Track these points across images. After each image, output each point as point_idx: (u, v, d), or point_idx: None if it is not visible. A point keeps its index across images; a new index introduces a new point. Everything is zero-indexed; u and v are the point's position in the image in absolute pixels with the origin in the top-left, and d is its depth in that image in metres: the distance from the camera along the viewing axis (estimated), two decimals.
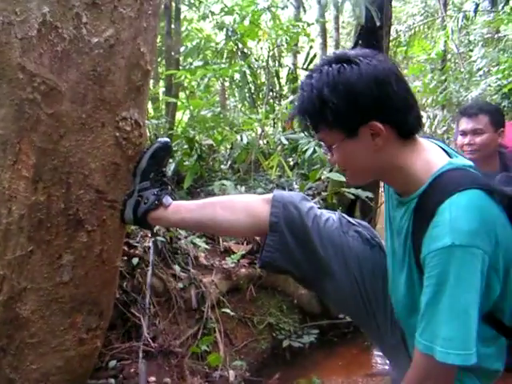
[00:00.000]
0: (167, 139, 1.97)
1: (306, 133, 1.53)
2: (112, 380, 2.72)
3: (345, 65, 1.37)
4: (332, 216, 1.83)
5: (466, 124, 2.63)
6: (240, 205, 1.83)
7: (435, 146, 1.49)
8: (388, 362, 1.87)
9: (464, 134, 2.63)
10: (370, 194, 5.17)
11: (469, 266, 1.24)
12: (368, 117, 1.37)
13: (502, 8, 10.53)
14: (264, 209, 1.76)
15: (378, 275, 1.75)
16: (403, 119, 1.39)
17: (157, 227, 3.41)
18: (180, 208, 1.90)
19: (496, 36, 12.34)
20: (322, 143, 1.65)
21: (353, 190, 5.06)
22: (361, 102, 1.35)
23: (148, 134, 5.49)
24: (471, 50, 13.01)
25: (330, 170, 5.66)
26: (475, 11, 10.53)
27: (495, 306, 1.36)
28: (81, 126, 1.71)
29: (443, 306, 1.26)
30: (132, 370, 2.85)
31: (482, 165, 2.36)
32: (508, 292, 1.36)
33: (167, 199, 1.90)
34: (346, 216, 1.86)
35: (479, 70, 11.59)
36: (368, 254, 1.78)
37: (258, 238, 3.91)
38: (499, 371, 1.50)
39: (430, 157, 1.43)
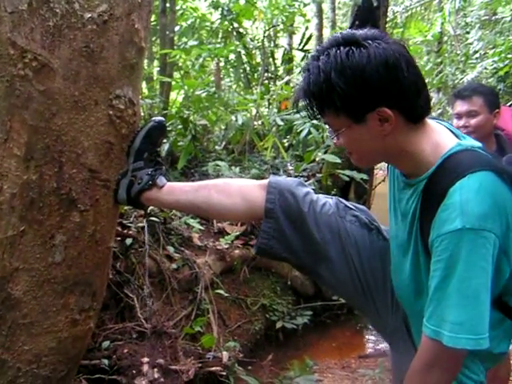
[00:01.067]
0: (162, 118, 1.94)
1: (310, 116, 1.45)
2: (105, 360, 2.72)
3: (353, 48, 1.31)
4: (329, 201, 1.79)
5: (460, 106, 2.61)
6: (235, 189, 1.80)
7: (443, 128, 1.46)
8: (388, 345, 1.85)
9: (459, 116, 2.62)
10: (364, 176, 5.16)
11: (480, 250, 1.21)
12: (377, 102, 1.32)
13: None
14: (260, 194, 1.72)
15: (377, 259, 1.72)
16: (412, 104, 1.35)
17: (151, 208, 3.38)
18: (174, 189, 1.88)
19: (493, 18, 12.28)
20: (322, 124, 1.62)
21: (347, 172, 5.05)
22: (370, 88, 1.30)
23: (142, 114, 5.46)
24: (468, 33, 12.95)
25: (325, 152, 5.65)
26: None
27: (504, 288, 1.33)
28: (73, 104, 1.67)
29: (452, 290, 1.24)
30: (125, 351, 2.84)
31: None
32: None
33: (161, 180, 1.87)
34: (343, 200, 1.83)
35: (475, 52, 11.56)
36: (366, 238, 1.75)
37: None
38: (504, 354, 1.50)
39: (439, 138, 1.40)
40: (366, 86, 1.30)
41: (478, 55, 11.27)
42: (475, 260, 1.22)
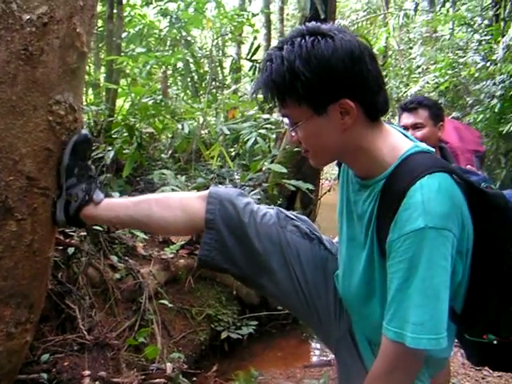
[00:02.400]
0: (86, 131, 1.88)
1: (269, 105, 1.44)
2: (44, 374, 2.63)
3: (319, 37, 1.29)
4: (269, 211, 1.77)
5: (406, 119, 2.66)
6: (176, 201, 1.77)
7: (397, 131, 1.45)
8: (333, 355, 1.85)
9: (405, 128, 2.66)
10: (310, 186, 5.21)
11: (441, 249, 1.22)
12: (340, 93, 1.29)
13: (440, 9, 10.85)
14: (200, 205, 1.69)
15: (318, 269, 1.72)
16: (373, 99, 1.34)
17: None
18: (113, 205, 1.84)
19: (434, 35, 12.68)
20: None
21: (293, 182, 5.08)
22: (334, 78, 1.27)
23: (88, 121, 5.37)
24: (411, 48, 13.33)
25: (271, 162, 5.68)
26: (415, 10, 10.81)
27: (452, 292, 1.31)
28: (11, 109, 1.62)
29: (414, 290, 1.23)
30: (66, 364, 2.76)
31: None
32: (464, 277, 1.35)
33: (98, 194, 1.82)
34: (283, 210, 1.82)
35: (418, 67, 11.90)
36: (308, 248, 1.74)
37: None
38: (446, 359, 1.53)
39: (395, 140, 1.40)
40: (331, 76, 1.27)
41: (420, 70, 11.62)
42: (437, 259, 1.22)
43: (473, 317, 1.39)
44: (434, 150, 1.40)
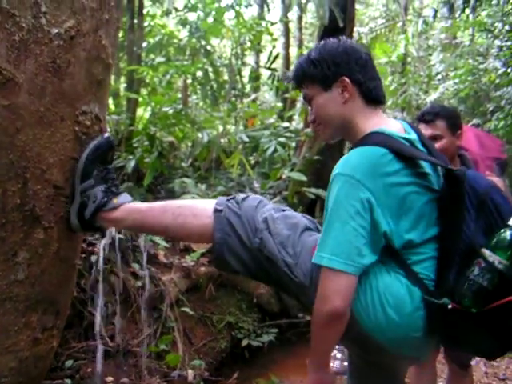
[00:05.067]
0: (108, 134, 1.90)
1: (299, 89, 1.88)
2: (68, 380, 2.66)
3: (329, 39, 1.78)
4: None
5: (424, 130, 2.62)
6: (194, 210, 1.84)
7: (396, 122, 1.78)
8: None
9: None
10: None
11: (345, 191, 1.53)
12: (340, 73, 1.70)
13: (459, 15, 10.79)
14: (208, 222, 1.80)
15: None
16: (368, 83, 1.72)
17: None
18: (133, 210, 1.88)
19: (453, 42, 12.61)
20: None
21: (313, 190, 5.09)
22: (336, 62, 1.71)
23: (108, 130, 5.42)
24: (430, 55, 13.24)
25: (291, 170, 5.69)
26: (434, 17, 10.74)
27: (404, 243, 1.58)
28: (39, 120, 1.66)
29: (327, 222, 1.55)
30: (89, 370, 2.80)
31: None
32: (400, 229, 1.57)
33: (125, 197, 1.88)
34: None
35: (437, 74, 11.82)
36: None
37: None
38: (425, 344, 1.63)
39: (378, 122, 1.70)
40: (334, 61, 1.71)
41: (439, 77, 11.54)
42: (342, 198, 1.53)
43: (438, 279, 1.58)
44: (412, 138, 1.69)
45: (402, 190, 1.57)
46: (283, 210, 1.86)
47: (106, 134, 1.89)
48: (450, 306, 1.48)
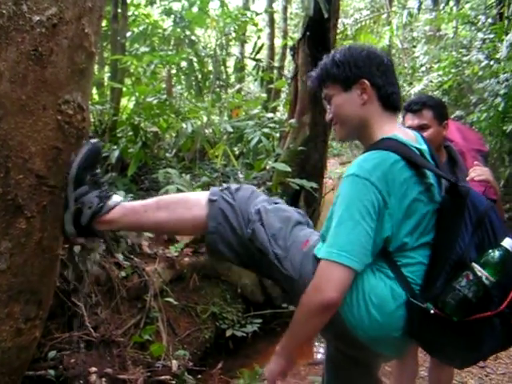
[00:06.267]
0: (96, 140, 1.92)
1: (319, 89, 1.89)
2: (51, 371, 2.65)
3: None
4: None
5: (411, 120, 2.64)
6: (187, 203, 1.89)
7: (409, 131, 1.85)
8: None
9: (410, 129, 2.64)
10: (314, 185, 5.22)
11: (359, 191, 1.57)
12: (361, 75, 1.75)
13: (443, 8, 10.81)
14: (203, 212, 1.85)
15: None
16: (387, 88, 1.76)
17: None
18: (128, 210, 1.90)
19: (437, 34, 12.67)
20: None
21: (297, 181, 5.09)
22: (358, 65, 1.76)
23: (92, 120, 5.38)
24: (414, 46, 13.31)
25: (275, 160, 5.69)
26: (418, 9, 10.74)
27: (398, 246, 1.63)
28: (21, 108, 1.64)
29: (335, 220, 1.59)
30: (72, 361, 2.78)
31: None
32: (400, 233, 1.62)
33: (115, 198, 1.90)
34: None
35: (422, 65, 11.88)
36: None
37: None
38: (404, 343, 1.69)
39: (394, 129, 1.74)
40: (356, 64, 1.76)
41: (424, 68, 11.60)
42: (354, 199, 1.57)
43: (425, 284, 1.63)
44: (423, 148, 1.77)
45: (409, 197, 1.62)
46: (275, 203, 1.90)
47: (94, 140, 1.91)
48: (432, 311, 1.54)
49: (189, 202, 1.88)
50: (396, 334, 1.61)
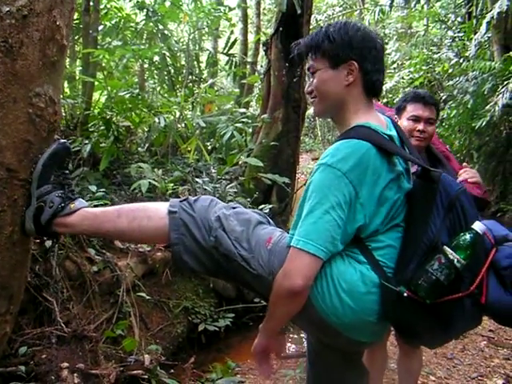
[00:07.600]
0: (64, 140, 1.91)
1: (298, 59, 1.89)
2: (22, 367, 2.63)
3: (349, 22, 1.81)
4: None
5: (422, 111, 2.59)
6: (147, 212, 1.88)
7: (381, 117, 1.84)
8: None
9: (417, 120, 2.59)
10: (286, 180, 5.25)
11: (330, 181, 1.59)
12: (351, 56, 1.73)
13: (414, 6, 10.94)
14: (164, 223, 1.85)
15: None
16: (373, 74, 1.76)
17: None
18: (89, 215, 1.89)
19: (409, 31, 12.81)
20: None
21: (270, 176, 5.11)
22: (352, 44, 1.73)
23: (64, 114, 5.33)
24: (386, 43, 13.42)
25: (248, 155, 5.70)
26: (390, 6, 10.86)
27: (370, 233, 1.67)
28: None
29: (310, 208, 1.60)
30: (44, 356, 2.76)
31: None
32: (373, 222, 1.66)
33: (80, 202, 1.89)
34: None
35: (393, 62, 12.02)
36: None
37: None
38: (380, 328, 1.72)
39: (368, 116, 1.76)
40: (350, 43, 1.74)
41: (395, 65, 11.73)
42: (323, 187, 1.60)
43: (397, 268, 1.66)
44: (392, 134, 1.77)
45: (381, 185, 1.64)
46: (234, 208, 1.91)
47: (62, 140, 1.90)
48: (405, 294, 1.57)
49: (148, 211, 1.88)
50: (371, 319, 1.64)
